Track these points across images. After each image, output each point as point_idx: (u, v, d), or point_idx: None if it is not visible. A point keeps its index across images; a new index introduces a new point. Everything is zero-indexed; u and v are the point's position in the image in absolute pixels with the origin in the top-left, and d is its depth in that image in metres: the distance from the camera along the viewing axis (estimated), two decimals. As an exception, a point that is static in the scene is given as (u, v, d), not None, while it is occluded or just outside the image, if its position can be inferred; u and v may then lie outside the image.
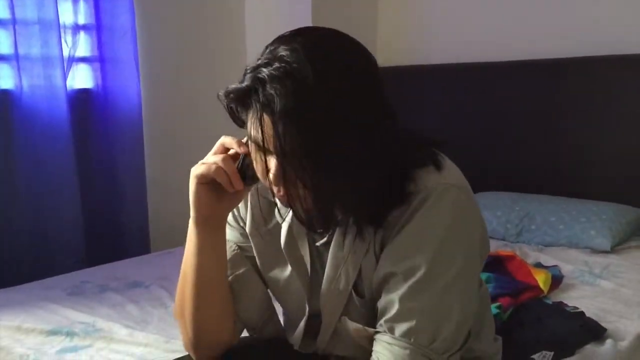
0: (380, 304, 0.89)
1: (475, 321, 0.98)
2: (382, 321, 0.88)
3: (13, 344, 1.47)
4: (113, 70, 2.42)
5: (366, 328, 0.92)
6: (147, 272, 2.01)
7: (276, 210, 0.99)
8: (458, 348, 0.89)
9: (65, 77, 2.25)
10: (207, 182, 0.91)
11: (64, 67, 2.24)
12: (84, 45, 2.37)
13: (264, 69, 0.79)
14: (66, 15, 2.30)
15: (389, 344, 0.86)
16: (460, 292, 0.87)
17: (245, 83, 0.81)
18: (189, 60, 2.76)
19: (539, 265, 1.93)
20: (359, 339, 0.95)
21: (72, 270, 2.09)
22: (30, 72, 2.17)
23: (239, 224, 1.05)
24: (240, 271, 1.03)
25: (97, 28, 2.39)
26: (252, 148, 0.86)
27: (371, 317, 0.93)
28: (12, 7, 2.11)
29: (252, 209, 1.02)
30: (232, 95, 0.83)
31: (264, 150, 0.81)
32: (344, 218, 0.91)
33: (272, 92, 0.77)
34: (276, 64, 0.78)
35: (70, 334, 1.52)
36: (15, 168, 2.17)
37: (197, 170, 0.91)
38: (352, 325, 0.95)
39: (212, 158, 0.90)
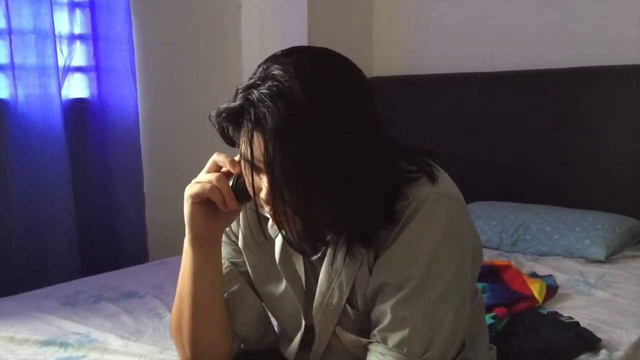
0: (374, 314, 0.89)
1: (470, 330, 0.98)
2: (375, 331, 0.88)
3: (7, 355, 1.46)
4: (109, 79, 2.42)
5: (360, 338, 0.92)
6: (142, 282, 2.00)
7: (269, 224, 0.99)
8: (452, 358, 0.89)
9: (60, 87, 2.25)
10: (202, 201, 0.90)
11: (59, 76, 2.23)
12: (79, 55, 2.37)
13: (256, 89, 0.78)
14: (62, 25, 2.30)
15: (382, 354, 0.86)
16: (453, 301, 0.87)
17: (237, 102, 0.81)
18: (186, 69, 2.77)
19: (534, 274, 1.93)
20: (354, 350, 0.95)
21: (67, 280, 2.09)
22: (26, 81, 2.17)
23: (231, 239, 1.05)
24: (234, 288, 1.03)
25: (93, 38, 2.39)
26: (244, 166, 0.85)
27: (365, 329, 0.93)
28: (7, 17, 2.11)
29: (244, 223, 1.02)
30: (223, 114, 0.83)
31: (252, 169, 0.81)
32: (334, 238, 0.91)
33: (264, 111, 0.76)
34: (268, 83, 0.78)
35: (64, 345, 1.51)
36: (10, 177, 2.16)
37: (191, 189, 0.91)
38: (346, 336, 0.95)
39: (206, 177, 0.90)
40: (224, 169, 0.91)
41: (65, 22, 2.32)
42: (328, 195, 0.80)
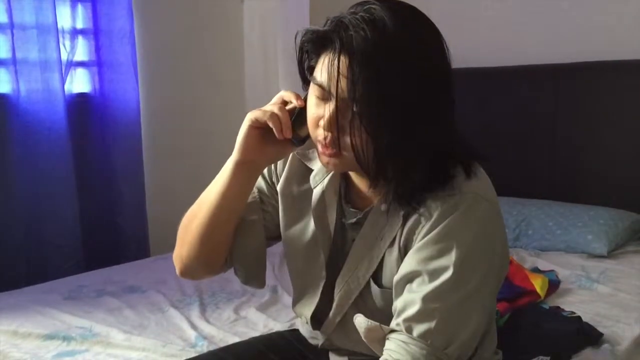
0: (400, 301, 0.88)
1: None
2: (400, 320, 0.87)
3: (10, 349, 1.47)
4: (111, 74, 2.42)
5: (382, 326, 0.89)
6: (144, 277, 2.01)
7: (312, 174, 1.02)
8: (469, 356, 0.90)
9: (63, 82, 2.25)
10: (260, 126, 0.93)
11: (62, 71, 2.24)
12: (82, 50, 2.38)
13: (349, 16, 0.82)
14: (64, 20, 2.30)
15: (405, 342, 0.85)
16: (480, 301, 0.88)
17: (327, 27, 0.84)
18: (188, 64, 2.77)
19: (536, 269, 1.93)
20: (368, 339, 0.93)
21: (69, 275, 2.09)
22: (28, 76, 2.17)
23: (272, 179, 1.07)
24: (251, 217, 1.05)
25: (95, 32, 2.39)
26: (310, 98, 0.89)
27: (382, 309, 0.93)
28: (10, 11, 2.11)
29: (289, 167, 1.05)
30: (311, 34, 0.87)
31: (337, 89, 0.82)
32: (374, 197, 0.93)
33: (354, 34, 0.80)
34: (362, 13, 0.82)
35: (67, 339, 1.51)
36: (13, 172, 2.16)
37: (253, 114, 0.94)
38: (366, 324, 0.93)
39: (269, 106, 0.94)
40: (289, 106, 0.94)
41: (68, 16, 2.32)
42: (401, 126, 0.83)
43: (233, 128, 0.97)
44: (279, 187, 1.06)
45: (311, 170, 1.02)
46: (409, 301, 0.87)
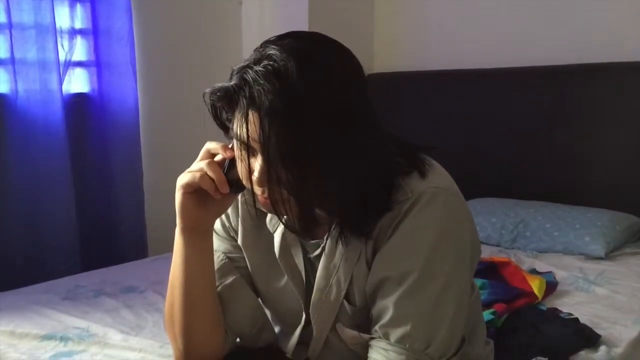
0: (375, 309, 0.89)
1: (468, 325, 0.98)
2: (377, 327, 0.88)
3: (7, 349, 1.46)
4: (110, 74, 2.42)
5: (362, 334, 0.92)
6: (142, 277, 2.00)
7: (267, 219, 0.99)
8: (453, 353, 0.89)
9: (61, 82, 2.24)
10: (193, 190, 0.90)
11: (60, 71, 2.23)
12: (80, 50, 2.37)
13: (251, 68, 0.79)
14: (63, 20, 2.30)
15: (385, 349, 0.86)
16: (453, 295, 0.87)
17: (233, 82, 0.81)
18: (186, 64, 2.76)
19: (533, 271, 1.93)
20: (353, 346, 0.95)
21: (67, 275, 2.09)
22: (26, 76, 2.17)
23: (229, 234, 1.04)
24: (229, 280, 1.02)
25: (94, 32, 2.39)
26: (237, 150, 0.85)
27: (362, 325, 0.93)
28: (8, 11, 2.11)
29: (242, 220, 1.01)
30: (218, 93, 0.84)
31: (248, 149, 0.80)
32: (329, 224, 0.90)
33: (259, 89, 0.77)
34: (264, 62, 0.79)
35: (64, 339, 1.51)
36: (10, 172, 2.16)
37: (182, 179, 0.90)
38: (348, 332, 0.95)
39: (197, 165, 0.90)
40: (217, 157, 0.90)
41: (66, 16, 2.32)
42: (321, 174, 0.80)
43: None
44: (240, 242, 1.03)
45: (265, 214, 0.97)
46: (382, 308, 0.87)
